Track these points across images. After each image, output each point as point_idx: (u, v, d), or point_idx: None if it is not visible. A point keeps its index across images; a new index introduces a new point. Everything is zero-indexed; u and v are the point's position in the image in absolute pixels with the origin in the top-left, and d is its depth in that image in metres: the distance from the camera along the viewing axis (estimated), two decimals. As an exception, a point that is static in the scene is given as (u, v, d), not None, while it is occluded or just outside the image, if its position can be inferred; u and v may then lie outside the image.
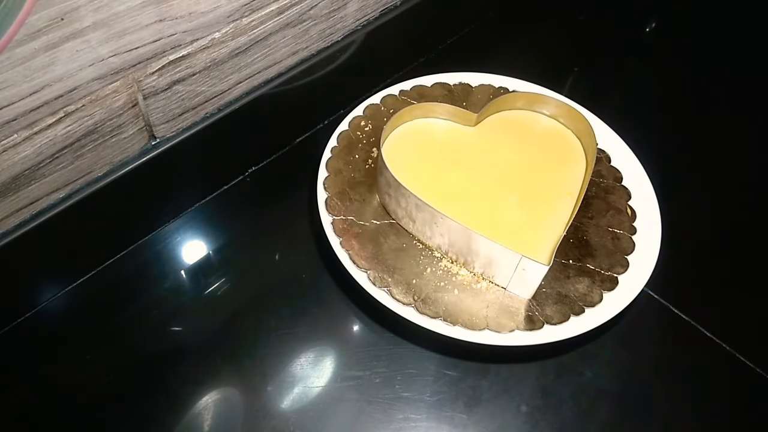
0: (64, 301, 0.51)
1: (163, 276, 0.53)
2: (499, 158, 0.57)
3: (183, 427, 0.45)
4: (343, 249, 0.50)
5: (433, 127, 0.58)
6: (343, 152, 0.57)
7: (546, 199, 0.54)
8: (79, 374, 0.48)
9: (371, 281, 0.49)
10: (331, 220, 0.52)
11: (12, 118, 0.40)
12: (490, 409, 0.46)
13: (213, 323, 0.50)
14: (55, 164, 0.44)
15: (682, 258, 0.54)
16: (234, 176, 0.60)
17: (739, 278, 0.55)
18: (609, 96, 0.69)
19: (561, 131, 0.60)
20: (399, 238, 0.52)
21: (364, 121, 0.60)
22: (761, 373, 0.49)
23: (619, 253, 0.52)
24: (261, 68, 0.54)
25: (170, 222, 0.56)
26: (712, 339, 0.50)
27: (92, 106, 0.44)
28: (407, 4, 0.63)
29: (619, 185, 0.57)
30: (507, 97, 0.60)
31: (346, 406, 0.46)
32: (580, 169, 0.57)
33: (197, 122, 0.52)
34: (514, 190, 0.55)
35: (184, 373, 0.48)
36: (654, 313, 0.52)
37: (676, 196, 0.56)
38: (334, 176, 0.55)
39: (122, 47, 0.42)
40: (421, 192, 0.49)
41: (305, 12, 0.54)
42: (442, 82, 0.63)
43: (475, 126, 0.59)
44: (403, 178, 0.50)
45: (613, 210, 0.55)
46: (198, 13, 0.45)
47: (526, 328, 0.47)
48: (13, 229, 0.45)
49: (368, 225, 0.53)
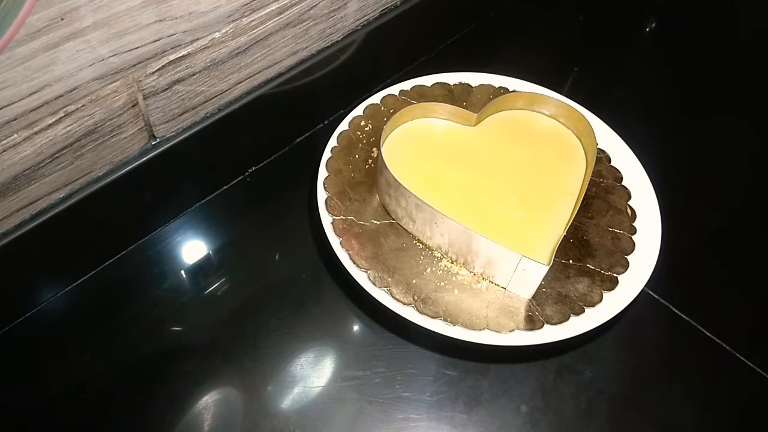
0: (64, 301, 0.51)
1: (163, 276, 0.53)
2: (499, 158, 0.57)
3: (183, 427, 0.45)
4: (343, 249, 0.50)
5: (433, 127, 0.58)
6: (343, 152, 0.57)
7: (546, 199, 0.54)
8: (79, 374, 0.48)
9: (371, 281, 0.49)
10: (331, 220, 0.52)
11: (12, 118, 0.40)
12: (490, 409, 0.46)
13: (213, 323, 0.50)
14: (55, 164, 0.44)
15: (682, 258, 0.54)
16: (234, 176, 0.60)
17: (739, 278, 0.55)
18: (609, 96, 0.69)
19: (561, 131, 0.60)
20: (399, 238, 0.52)
21: (364, 121, 0.60)
22: (761, 373, 0.49)
23: (619, 253, 0.52)
24: (261, 68, 0.54)
25: (170, 222, 0.56)
26: (712, 339, 0.50)
27: (92, 106, 0.44)
28: (407, 4, 0.63)
29: (619, 185, 0.57)
30: (507, 97, 0.60)
31: (346, 406, 0.46)
32: (580, 169, 0.57)
33: (197, 122, 0.52)
34: (514, 189, 0.55)
35: (184, 373, 0.48)
36: (654, 313, 0.52)
37: (676, 196, 0.56)
38: (334, 176, 0.55)
39: (122, 47, 0.42)
40: (421, 192, 0.49)
41: (305, 12, 0.54)
42: (442, 82, 0.63)
43: (475, 126, 0.59)
44: (403, 178, 0.50)
45: (613, 210, 0.55)
46: (198, 13, 0.45)
47: (526, 328, 0.47)
48: (13, 229, 0.45)
49: (368, 225, 0.53)
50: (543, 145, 0.58)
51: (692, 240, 0.56)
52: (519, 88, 0.63)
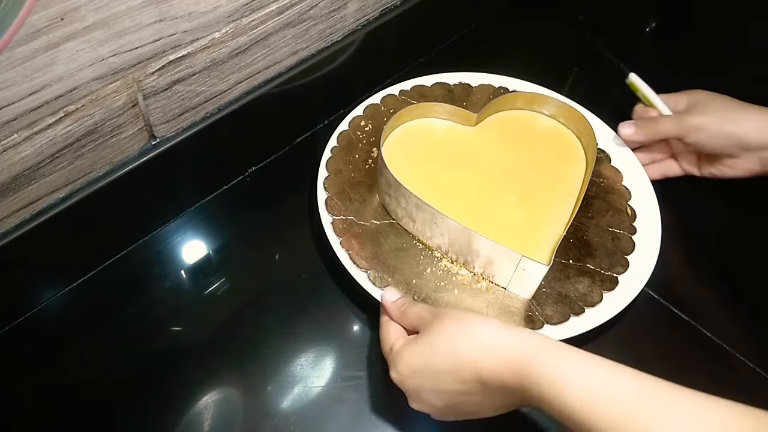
0: (64, 301, 0.51)
1: (163, 276, 0.53)
2: (499, 158, 0.57)
3: (183, 427, 0.45)
4: (343, 249, 0.50)
5: (433, 127, 0.58)
6: (343, 152, 0.57)
7: (546, 199, 0.54)
8: (79, 374, 0.48)
9: (371, 281, 0.49)
10: (331, 220, 0.52)
11: (12, 118, 0.40)
12: (490, 409, 0.46)
13: (213, 323, 0.50)
14: (55, 164, 0.44)
15: (681, 258, 0.54)
16: (234, 176, 0.60)
17: (739, 278, 0.55)
18: (609, 96, 0.69)
19: (561, 131, 0.60)
20: (399, 238, 0.52)
21: (364, 121, 0.60)
22: (761, 373, 0.49)
23: (619, 253, 0.52)
24: (261, 68, 0.54)
25: (170, 222, 0.56)
26: (712, 339, 0.50)
27: (92, 106, 0.44)
28: (407, 4, 0.63)
29: (619, 185, 0.57)
30: (507, 97, 0.60)
31: (346, 406, 0.46)
32: (580, 168, 0.57)
33: (197, 122, 0.52)
34: (514, 190, 0.55)
35: (184, 373, 0.48)
36: (654, 313, 0.52)
37: (676, 196, 0.56)
38: (334, 176, 0.55)
39: (122, 47, 0.42)
40: (421, 192, 0.49)
41: (305, 12, 0.54)
42: (442, 82, 0.63)
43: (475, 126, 0.59)
44: (403, 178, 0.50)
45: (613, 210, 0.55)
46: (198, 13, 0.45)
47: (526, 327, 0.47)
48: (13, 229, 0.45)
49: (368, 225, 0.53)
50: (543, 145, 0.58)
51: (692, 240, 0.56)
52: (519, 88, 0.63)
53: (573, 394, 0.33)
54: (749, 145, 0.52)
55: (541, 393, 0.34)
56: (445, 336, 0.39)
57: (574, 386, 0.34)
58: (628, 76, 0.59)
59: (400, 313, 0.43)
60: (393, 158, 0.53)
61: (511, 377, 0.36)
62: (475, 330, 0.38)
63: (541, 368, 0.35)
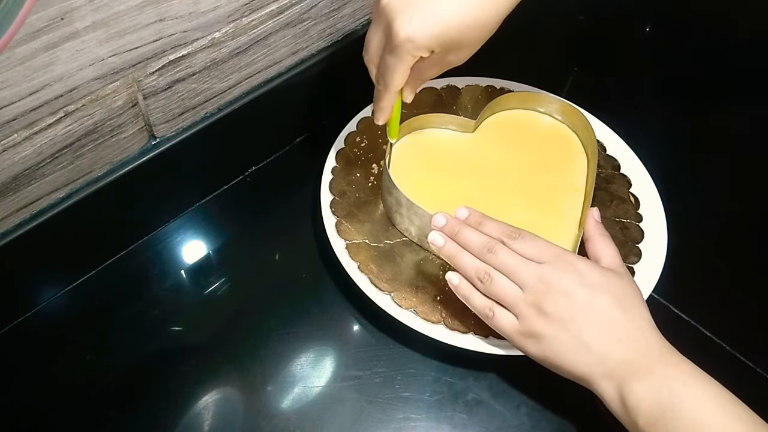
0: (64, 301, 0.51)
1: (163, 276, 0.53)
2: (501, 162, 0.57)
3: (183, 427, 0.45)
4: (363, 273, 0.50)
5: (433, 139, 0.58)
6: (343, 172, 0.56)
7: (554, 197, 0.54)
8: (79, 374, 0.48)
9: (396, 303, 0.48)
10: (344, 245, 0.51)
11: (12, 118, 0.40)
12: (490, 409, 0.46)
13: (213, 323, 0.50)
14: (55, 164, 0.44)
15: (682, 259, 0.54)
16: (234, 176, 0.60)
17: (740, 279, 0.55)
18: (609, 96, 0.69)
19: (558, 127, 0.60)
20: (415, 254, 0.52)
21: (359, 136, 0.59)
22: (761, 372, 0.49)
23: (630, 242, 0.52)
24: (261, 68, 0.54)
25: (170, 222, 0.56)
26: (712, 339, 0.50)
27: (92, 106, 0.44)
28: (407, 4, 0.63)
29: (618, 173, 0.57)
30: (500, 99, 0.59)
31: (346, 406, 0.46)
32: (581, 163, 0.57)
33: (197, 122, 0.52)
34: (521, 192, 0.54)
35: (184, 373, 0.48)
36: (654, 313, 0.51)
37: (677, 197, 0.56)
38: (340, 198, 0.54)
39: (122, 47, 0.42)
40: (431, 206, 0.49)
41: (305, 12, 0.54)
42: (429, 87, 0.62)
43: (474, 132, 0.58)
44: (411, 195, 0.49)
45: (617, 200, 0.55)
46: (198, 13, 0.45)
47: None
48: (13, 229, 0.45)
49: (382, 246, 0.52)
50: (542, 143, 0.58)
51: (693, 241, 0.56)
52: (505, 87, 0.62)
53: (685, 416, 0.37)
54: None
55: (663, 381, 0.39)
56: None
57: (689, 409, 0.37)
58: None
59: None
60: (399, 176, 0.52)
61: (653, 334, 0.42)
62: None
63: (681, 365, 0.40)
